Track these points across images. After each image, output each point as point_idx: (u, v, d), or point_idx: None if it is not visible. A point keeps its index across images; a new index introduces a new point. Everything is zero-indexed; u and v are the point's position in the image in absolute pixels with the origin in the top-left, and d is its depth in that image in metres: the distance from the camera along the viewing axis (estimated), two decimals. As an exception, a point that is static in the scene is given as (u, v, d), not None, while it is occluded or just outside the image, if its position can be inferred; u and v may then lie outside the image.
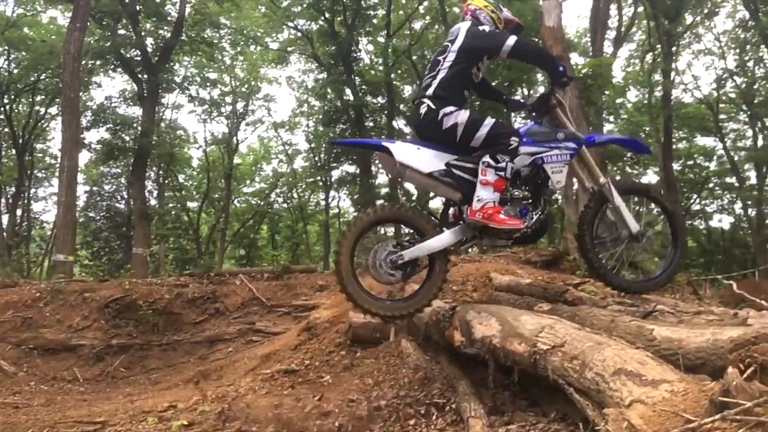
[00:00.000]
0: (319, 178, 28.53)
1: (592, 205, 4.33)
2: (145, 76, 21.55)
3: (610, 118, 24.99)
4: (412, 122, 4.81)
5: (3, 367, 7.45)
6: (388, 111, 23.96)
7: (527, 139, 4.14)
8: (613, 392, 2.23)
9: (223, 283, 9.84)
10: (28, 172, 25.33)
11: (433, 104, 4.10)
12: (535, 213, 4.18)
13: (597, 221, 4.35)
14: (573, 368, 2.60)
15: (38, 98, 24.94)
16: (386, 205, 4.51)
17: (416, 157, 4.04)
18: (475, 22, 4.32)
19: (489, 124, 4.04)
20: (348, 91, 23.00)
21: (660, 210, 4.50)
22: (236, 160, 30.25)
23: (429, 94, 4.14)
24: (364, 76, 23.81)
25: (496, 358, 3.42)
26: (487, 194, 3.92)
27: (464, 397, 3.52)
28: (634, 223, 4.26)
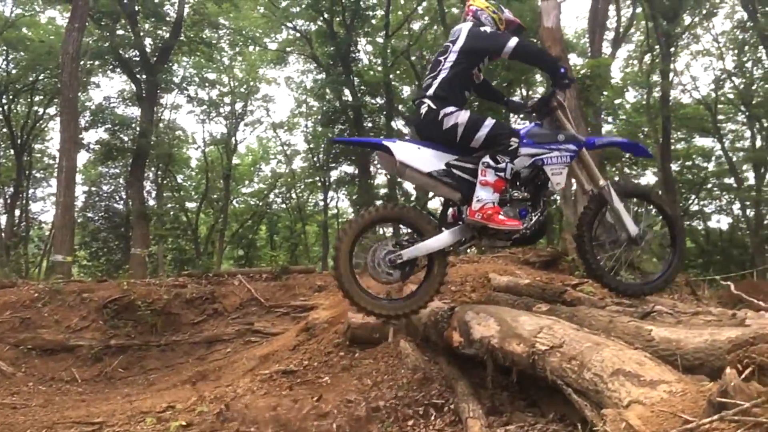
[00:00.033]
0: (317, 178, 28.55)
1: (592, 206, 4.33)
2: (143, 77, 21.55)
3: (609, 119, 24.99)
4: (412, 122, 4.82)
5: (1, 367, 7.43)
6: (387, 111, 23.96)
7: (527, 141, 4.14)
8: (611, 393, 2.23)
9: (221, 284, 9.82)
10: (27, 173, 25.31)
11: (434, 104, 4.10)
12: (535, 214, 4.18)
13: (596, 223, 4.35)
14: (571, 369, 2.60)
15: (37, 98, 24.92)
16: (386, 204, 4.50)
17: (416, 157, 4.05)
18: (476, 23, 4.31)
19: (489, 124, 4.04)
20: (347, 92, 23.01)
21: (660, 214, 4.49)
22: (235, 161, 30.24)
23: (430, 94, 4.14)
24: (363, 77, 23.84)
25: (494, 359, 3.42)
26: (486, 195, 3.93)
27: (463, 398, 3.52)
28: (633, 226, 4.25)
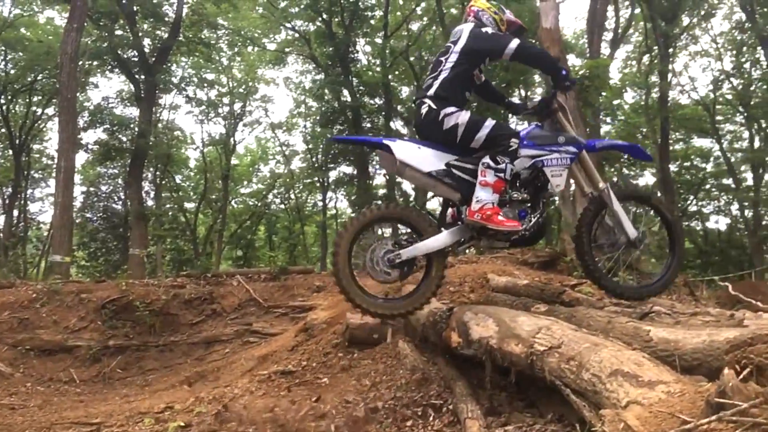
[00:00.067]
0: (316, 179, 28.57)
1: (592, 207, 4.33)
2: (142, 77, 21.54)
3: (607, 120, 25.03)
4: (413, 122, 4.82)
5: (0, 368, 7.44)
6: (386, 112, 23.97)
7: (528, 142, 4.14)
8: (609, 393, 2.23)
9: (220, 284, 9.83)
10: (25, 173, 25.29)
11: (434, 104, 4.09)
12: (534, 216, 4.18)
13: (595, 225, 4.34)
14: (570, 369, 2.60)
15: (35, 99, 24.90)
16: (385, 204, 4.50)
17: (417, 156, 4.04)
18: (478, 24, 4.31)
19: (489, 125, 4.04)
20: (345, 92, 23.03)
21: (660, 218, 4.49)
22: (233, 161, 30.24)
23: (430, 95, 4.14)
24: (362, 77, 23.85)
25: (493, 359, 3.42)
26: (486, 195, 3.92)
27: (461, 398, 3.52)
28: (632, 229, 4.24)
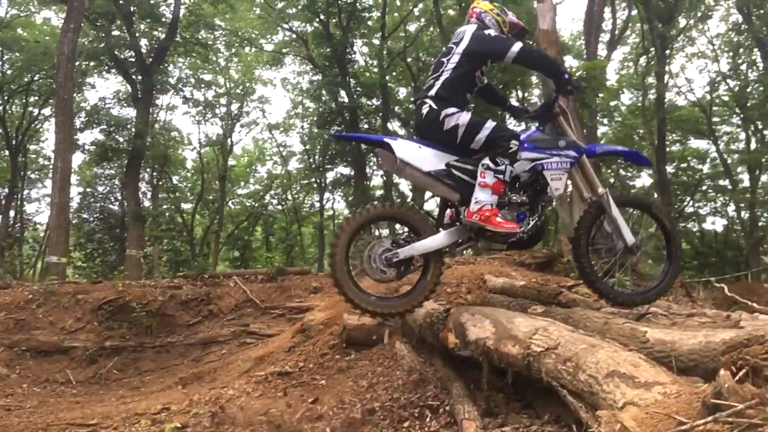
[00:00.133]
0: (313, 179, 28.54)
1: (592, 211, 4.33)
2: (139, 78, 21.49)
3: (604, 121, 25.10)
4: (413, 122, 4.80)
5: (-5, 369, 7.41)
6: (383, 113, 23.96)
7: (528, 145, 4.14)
8: (606, 394, 2.24)
9: (217, 285, 9.80)
10: (22, 174, 25.22)
11: (435, 105, 4.10)
12: (532, 219, 4.18)
13: (594, 229, 4.34)
14: (566, 370, 2.60)
15: (32, 99, 24.84)
16: (384, 203, 4.50)
17: (417, 155, 4.05)
18: (480, 26, 4.31)
19: (490, 127, 4.04)
20: (343, 93, 23.01)
21: (658, 227, 4.49)
22: (231, 162, 30.25)
23: (431, 95, 4.14)
24: (359, 78, 23.87)
25: (489, 360, 3.41)
26: (485, 196, 3.92)
27: (458, 399, 3.52)
28: (630, 236, 4.23)
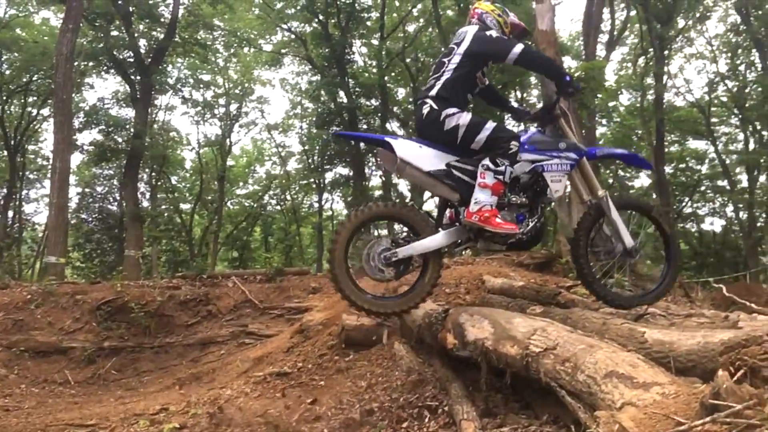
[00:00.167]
0: (312, 180, 28.51)
1: (592, 213, 4.33)
2: (137, 78, 21.46)
3: (603, 122, 25.12)
4: (413, 122, 4.80)
5: (-7, 369, 7.40)
6: (382, 113, 23.96)
7: (529, 147, 4.13)
8: (604, 395, 2.24)
9: (215, 286, 9.80)
10: (20, 174, 25.18)
11: (436, 105, 4.10)
12: (532, 220, 4.18)
13: (593, 232, 4.34)
14: (565, 371, 2.60)
15: (30, 99, 24.80)
16: (384, 202, 4.50)
17: (417, 155, 4.04)
18: (482, 27, 4.30)
19: (490, 127, 4.04)
20: (341, 94, 23.00)
21: (658, 231, 4.49)
22: (229, 162, 30.22)
23: (432, 95, 4.14)
24: (358, 79, 23.85)
25: (488, 361, 3.42)
26: (484, 197, 3.92)
27: (457, 400, 3.52)
28: (629, 239, 4.23)
